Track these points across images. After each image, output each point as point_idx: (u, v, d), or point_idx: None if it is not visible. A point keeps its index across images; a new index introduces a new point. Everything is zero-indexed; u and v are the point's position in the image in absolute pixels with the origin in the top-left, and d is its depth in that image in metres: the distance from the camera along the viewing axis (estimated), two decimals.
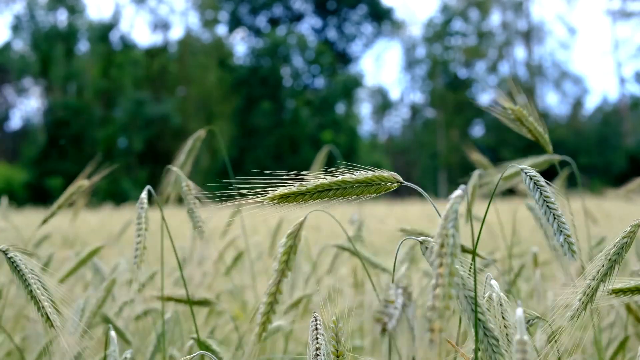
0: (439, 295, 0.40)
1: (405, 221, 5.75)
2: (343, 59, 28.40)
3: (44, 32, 24.78)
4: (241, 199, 0.57)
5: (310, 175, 0.60)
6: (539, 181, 0.61)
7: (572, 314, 0.64)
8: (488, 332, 0.53)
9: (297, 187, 0.59)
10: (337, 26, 28.67)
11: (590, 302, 0.64)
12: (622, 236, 0.65)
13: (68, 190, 1.10)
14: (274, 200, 0.58)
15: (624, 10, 27.68)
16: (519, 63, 29.19)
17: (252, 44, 27.29)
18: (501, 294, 0.59)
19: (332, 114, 25.15)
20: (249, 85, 24.75)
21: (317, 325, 0.61)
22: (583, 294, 0.65)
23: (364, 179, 0.60)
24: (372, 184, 0.60)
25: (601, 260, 0.64)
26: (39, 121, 25.04)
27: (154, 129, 23.39)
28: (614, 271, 0.64)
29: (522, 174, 0.62)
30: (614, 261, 0.65)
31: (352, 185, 0.59)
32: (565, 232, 0.60)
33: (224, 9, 27.72)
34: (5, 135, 26.30)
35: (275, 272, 0.56)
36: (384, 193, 0.61)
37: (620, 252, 0.65)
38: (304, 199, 0.59)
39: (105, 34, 25.39)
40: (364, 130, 29.21)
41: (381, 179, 0.60)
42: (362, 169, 0.60)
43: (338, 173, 0.60)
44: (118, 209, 9.72)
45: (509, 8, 28.74)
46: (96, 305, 1.06)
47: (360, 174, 0.60)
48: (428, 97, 28.94)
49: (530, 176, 0.62)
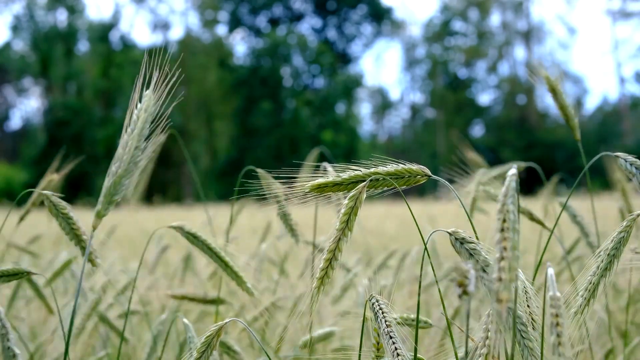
0: (505, 267, 0.43)
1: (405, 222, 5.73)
2: (343, 59, 28.39)
3: (44, 32, 24.78)
4: (276, 190, 0.61)
5: (307, 174, 0.62)
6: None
7: (576, 309, 0.65)
8: (517, 319, 0.55)
9: (334, 178, 0.62)
10: (337, 26, 28.66)
11: (592, 298, 0.65)
12: (619, 231, 0.65)
13: (40, 185, 1.09)
14: (312, 190, 0.62)
15: (624, 10, 27.68)
16: (518, 63, 29.20)
17: (252, 44, 27.30)
18: (527, 282, 0.60)
19: (332, 114, 25.15)
20: (249, 85, 24.74)
21: (381, 305, 0.62)
22: (585, 290, 0.65)
23: (395, 172, 0.62)
24: (403, 177, 0.62)
25: (600, 256, 0.65)
26: (39, 121, 25.06)
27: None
28: (613, 266, 0.65)
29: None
30: (613, 256, 0.66)
31: (384, 176, 0.61)
32: None
33: (224, 9, 27.72)
34: (5, 135, 26.30)
35: (336, 231, 0.59)
36: (414, 186, 0.63)
37: (619, 246, 0.66)
38: (340, 189, 0.62)
39: (105, 34, 25.39)
40: (364, 130, 29.23)
41: (410, 172, 0.62)
42: (393, 162, 0.62)
43: (371, 165, 0.62)
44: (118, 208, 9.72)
45: (508, 8, 28.75)
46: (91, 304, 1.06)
47: (392, 166, 0.62)
48: (428, 97, 28.95)
49: None
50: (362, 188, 0.60)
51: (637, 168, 0.65)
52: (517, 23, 28.89)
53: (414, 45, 29.21)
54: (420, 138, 28.15)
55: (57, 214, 0.71)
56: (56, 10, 25.18)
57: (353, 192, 0.60)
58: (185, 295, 1.02)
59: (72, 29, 25.13)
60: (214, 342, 0.65)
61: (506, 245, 0.44)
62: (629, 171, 0.65)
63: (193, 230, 0.82)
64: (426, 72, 28.72)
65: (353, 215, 0.60)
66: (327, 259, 0.60)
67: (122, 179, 0.54)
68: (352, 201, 0.60)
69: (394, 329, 0.60)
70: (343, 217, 0.60)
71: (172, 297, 1.00)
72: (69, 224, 0.71)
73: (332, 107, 25.43)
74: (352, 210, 0.60)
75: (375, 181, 0.61)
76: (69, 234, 0.71)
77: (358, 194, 0.60)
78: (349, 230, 0.60)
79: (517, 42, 29.01)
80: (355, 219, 0.60)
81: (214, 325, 0.65)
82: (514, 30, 28.79)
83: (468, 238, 0.57)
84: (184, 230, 0.82)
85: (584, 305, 0.65)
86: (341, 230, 0.60)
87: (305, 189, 0.62)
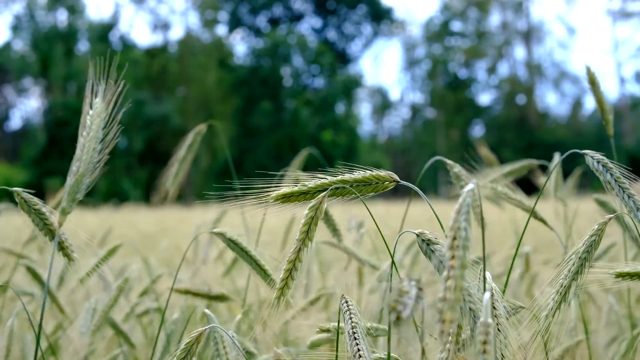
0: (451, 287, 0.41)
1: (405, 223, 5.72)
2: (343, 59, 28.39)
3: (44, 32, 24.78)
4: (243, 199, 0.59)
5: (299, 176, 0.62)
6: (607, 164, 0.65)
7: (547, 313, 0.66)
8: (478, 321, 0.54)
9: (299, 187, 0.61)
10: (337, 26, 28.66)
11: (564, 301, 0.65)
12: (590, 234, 0.66)
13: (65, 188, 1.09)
14: (277, 200, 0.60)
15: (624, 11, 27.68)
16: (518, 63, 29.19)
17: (252, 44, 27.30)
18: (494, 285, 0.60)
19: (332, 114, 25.14)
20: (249, 85, 24.74)
21: (349, 306, 0.62)
22: (556, 293, 0.66)
23: (362, 178, 0.61)
24: (370, 183, 0.61)
25: (572, 259, 0.66)
26: (39, 121, 25.05)
27: (154, 129, 23.39)
28: (585, 269, 0.66)
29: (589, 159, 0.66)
30: (584, 259, 0.66)
31: (351, 184, 0.61)
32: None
33: (224, 9, 27.72)
34: (5, 135, 26.30)
35: (297, 241, 0.59)
36: (382, 192, 0.62)
37: (590, 249, 0.66)
38: (306, 198, 0.61)
39: (105, 34, 25.39)
40: (364, 130, 29.22)
41: (378, 178, 0.61)
42: (361, 169, 0.62)
43: (338, 173, 0.61)
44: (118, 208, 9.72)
45: (508, 8, 28.75)
46: (107, 305, 1.06)
47: (359, 174, 0.61)
48: (428, 97, 28.94)
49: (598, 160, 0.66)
50: (323, 198, 0.59)
51: (604, 166, 0.65)
52: (517, 23, 28.91)
53: (414, 45, 29.22)
54: (420, 138, 28.14)
55: (29, 210, 0.70)
56: (56, 10, 25.18)
57: (313, 202, 0.59)
58: (189, 290, 1.01)
59: (72, 29, 25.13)
60: (194, 348, 0.65)
61: (454, 264, 0.42)
62: (595, 169, 0.66)
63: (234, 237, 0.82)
64: (426, 72, 28.72)
65: (313, 225, 0.59)
66: (287, 269, 0.59)
67: (82, 178, 0.55)
68: (312, 211, 0.59)
69: (359, 331, 0.60)
70: (303, 228, 0.59)
71: (175, 291, 0.99)
72: (42, 220, 0.70)
73: (332, 107, 25.43)
74: (312, 221, 0.59)
75: (342, 189, 0.60)
76: (43, 229, 0.70)
77: (318, 204, 0.59)
78: (309, 240, 0.59)
79: (517, 42, 29.02)
80: (315, 229, 0.59)
81: (194, 332, 0.65)
82: (513, 30, 28.80)
83: (434, 239, 0.57)
84: (225, 236, 0.82)
85: (555, 308, 0.65)
86: (301, 240, 0.59)
87: (270, 199, 0.60)
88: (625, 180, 0.64)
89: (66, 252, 0.70)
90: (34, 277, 1.13)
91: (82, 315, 1.04)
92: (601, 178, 0.65)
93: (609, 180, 0.65)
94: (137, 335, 1.30)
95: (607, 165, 0.65)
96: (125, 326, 1.18)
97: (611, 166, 0.65)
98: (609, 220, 0.66)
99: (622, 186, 0.64)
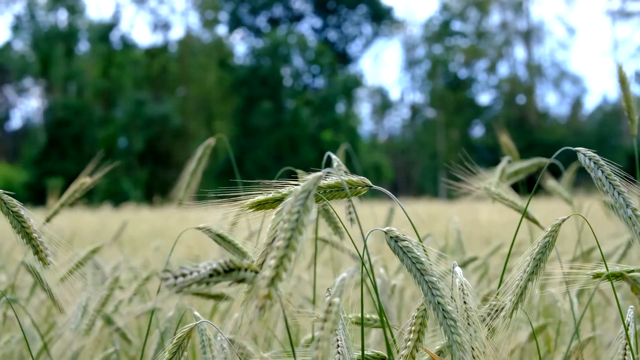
0: (272, 266, 0.44)
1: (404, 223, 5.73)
2: (343, 59, 28.40)
3: (44, 32, 24.78)
4: (224, 205, 0.60)
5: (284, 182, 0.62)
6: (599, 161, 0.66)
7: (505, 313, 0.66)
8: (447, 314, 0.56)
9: (273, 194, 0.61)
10: (337, 26, 28.67)
11: (520, 302, 0.66)
12: (544, 236, 0.66)
13: (70, 188, 1.10)
14: (252, 207, 0.61)
15: (624, 11, 27.68)
16: (518, 63, 29.20)
17: (252, 44, 27.30)
18: (464, 279, 0.61)
19: (332, 114, 25.15)
20: (249, 85, 24.74)
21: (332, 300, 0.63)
22: (513, 294, 0.66)
23: (336, 184, 0.62)
24: (342, 189, 0.62)
25: (526, 260, 0.66)
26: (39, 121, 25.05)
27: (154, 129, 23.39)
28: (540, 270, 0.66)
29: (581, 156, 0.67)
30: (539, 260, 0.67)
31: (324, 190, 0.62)
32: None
33: (224, 9, 27.72)
34: (5, 135, 26.30)
35: (265, 245, 0.58)
36: (374, 194, 0.63)
37: (544, 251, 0.67)
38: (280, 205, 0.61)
39: (106, 34, 25.39)
40: (364, 130, 29.23)
41: (351, 184, 0.62)
42: (334, 174, 0.62)
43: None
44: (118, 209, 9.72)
45: (508, 8, 28.75)
46: (99, 303, 1.06)
47: (332, 179, 0.62)
48: (428, 97, 28.95)
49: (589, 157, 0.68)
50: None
51: (596, 163, 0.66)
52: (517, 23, 28.91)
53: (414, 46, 29.22)
54: (420, 138, 28.15)
55: (8, 212, 0.70)
56: (57, 11, 25.19)
57: (279, 208, 0.59)
58: None
59: (73, 29, 25.13)
60: (185, 343, 0.66)
61: (280, 245, 0.45)
62: (587, 165, 0.66)
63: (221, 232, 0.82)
64: (426, 72, 28.73)
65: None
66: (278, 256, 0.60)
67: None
68: (279, 216, 0.59)
69: (340, 324, 0.61)
70: (270, 232, 0.59)
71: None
72: (20, 222, 0.70)
73: (332, 107, 25.43)
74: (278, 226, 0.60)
75: (316, 195, 0.61)
76: (20, 232, 0.70)
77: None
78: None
79: (516, 42, 29.02)
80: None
81: (185, 327, 0.66)
82: (513, 30, 28.80)
83: (402, 236, 0.58)
84: (211, 232, 0.82)
85: (512, 308, 0.66)
86: (269, 244, 0.59)
87: (245, 207, 0.61)
88: (616, 178, 0.65)
89: (41, 255, 0.69)
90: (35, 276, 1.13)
91: (73, 313, 1.04)
92: (592, 175, 0.66)
93: (600, 177, 0.65)
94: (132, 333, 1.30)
95: (598, 162, 0.66)
96: (120, 322, 1.19)
97: (602, 163, 0.66)
98: (562, 222, 0.67)
99: (613, 183, 0.65)
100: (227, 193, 0.60)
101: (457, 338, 0.56)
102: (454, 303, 0.58)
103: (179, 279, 0.43)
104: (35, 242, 0.69)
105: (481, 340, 0.57)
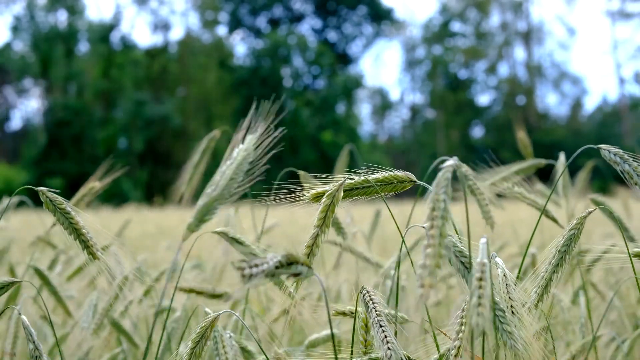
0: (430, 254, 0.44)
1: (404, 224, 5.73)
2: (343, 60, 28.40)
3: (44, 32, 24.78)
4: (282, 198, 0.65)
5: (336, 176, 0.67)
6: None
7: (529, 305, 0.67)
8: (495, 305, 0.57)
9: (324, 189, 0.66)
10: (337, 27, 28.67)
11: (545, 294, 0.66)
12: (569, 228, 0.67)
13: (80, 192, 1.10)
14: (312, 199, 0.66)
15: (623, 11, 27.68)
16: (518, 64, 29.20)
17: (252, 44, 27.31)
18: (506, 270, 0.62)
19: (332, 115, 25.14)
20: (249, 85, 24.75)
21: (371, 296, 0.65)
22: (538, 286, 0.67)
23: (383, 179, 0.65)
24: (391, 183, 0.65)
25: (552, 252, 0.67)
26: (39, 122, 25.05)
27: (154, 130, 23.38)
28: (564, 262, 0.67)
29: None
30: (564, 252, 0.68)
31: (373, 184, 0.65)
32: None
33: (224, 10, 27.73)
34: (5, 135, 26.30)
35: (314, 227, 0.63)
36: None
37: (570, 243, 0.67)
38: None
39: (106, 35, 25.39)
40: (364, 130, 29.22)
41: (397, 179, 0.66)
42: (381, 170, 0.66)
43: (361, 174, 0.66)
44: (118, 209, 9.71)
45: (508, 8, 28.75)
46: (108, 303, 1.06)
47: (380, 174, 0.66)
48: (428, 98, 28.95)
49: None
50: (339, 186, 0.64)
51: (621, 157, 0.67)
52: (517, 23, 28.91)
53: (414, 46, 29.22)
54: (420, 138, 28.15)
55: (55, 209, 0.71)
56: (56, 11, 25.19)
57: (331, 190, 0.64)
58: (192, 289, 1.01)
59: (73, 29, 25.13)
60: (208, 332, 0.67)
61: (433, 232, 0.45)
62: (613, 160, 0.67)
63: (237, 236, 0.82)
64: (426, 73, 28.73)
65: (330, 212, 0.63)
66: (305, 254, 0.63)
67: (215, 202, 0.57)
68: (330, 199, 0.63)
69: (384, 319, 0.61)
70: (320, 214, 0.63)
71: (179, 289, 0.99)
72: (67, 219, 0.72)
73: (332, 108, 25.43)
74: (330, 208, 0.63)
75: (366, 188, 0.65)
76: (68, 228, 0.72)
77: (335, 192, 0.64)
78: (327, 226, 0.63)
79: (516, 43, 29.02)
80: (332, 215, 0.63)
81: (208, 316, 0.67)
82: (513, 30, 28.80)
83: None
84: (227, 236, 0.83)
85: (537, 300, 0.67)
86: (319, 226, 0.63)
87: (306, 199, 0.65)
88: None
89: (91, 250, 0.72)
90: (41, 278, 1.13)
91: (84, 312, 1.05)
92: (618, 169, 0.67)
93: (628, 170, 0.66)
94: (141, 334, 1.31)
95: (623, 157, 0.67)
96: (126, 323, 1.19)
97: (628, 157, 0.67)
98: (589, 215, 0.68)
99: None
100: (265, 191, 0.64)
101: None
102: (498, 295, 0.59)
103: (253, 269, 0.44)
104: (85, 238, 0.72)
105: (527, 329, 0.58)
